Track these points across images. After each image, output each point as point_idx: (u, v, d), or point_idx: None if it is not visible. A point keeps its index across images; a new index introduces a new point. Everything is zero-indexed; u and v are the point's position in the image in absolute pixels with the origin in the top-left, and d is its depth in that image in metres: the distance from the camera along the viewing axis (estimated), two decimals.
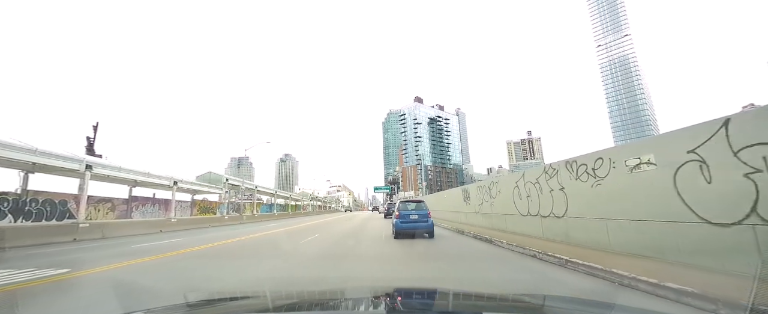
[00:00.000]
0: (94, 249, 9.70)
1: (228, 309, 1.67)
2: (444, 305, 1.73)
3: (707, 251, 4.23)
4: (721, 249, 4.06)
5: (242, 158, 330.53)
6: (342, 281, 5.03)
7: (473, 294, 2.21)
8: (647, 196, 5.21)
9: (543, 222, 8.54)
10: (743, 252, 3.80)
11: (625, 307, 1.82)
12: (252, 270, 5.93)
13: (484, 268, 5.82)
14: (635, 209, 5.44)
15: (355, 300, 1.87)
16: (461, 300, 1.86)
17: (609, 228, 6.09)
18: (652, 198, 5.10)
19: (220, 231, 16.44)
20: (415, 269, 5.86)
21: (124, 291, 4.56)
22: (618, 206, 5.84)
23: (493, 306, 1.70)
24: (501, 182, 11.93)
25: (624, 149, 5.91)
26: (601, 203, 6.31)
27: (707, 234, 4.24)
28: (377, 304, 1.71)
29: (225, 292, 4.18)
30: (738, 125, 3.96)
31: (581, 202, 6.98)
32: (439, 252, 7.93)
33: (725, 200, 4.03)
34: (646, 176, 5.23)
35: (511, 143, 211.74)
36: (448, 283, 4.83)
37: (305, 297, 2.09)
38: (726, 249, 3.99)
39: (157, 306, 1.64)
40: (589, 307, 1.66)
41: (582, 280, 4.66)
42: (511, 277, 5.03)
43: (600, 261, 5.16)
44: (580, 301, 2.02)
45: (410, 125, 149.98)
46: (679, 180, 4.65)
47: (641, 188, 5.33)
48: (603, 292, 4.05)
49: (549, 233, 8.23)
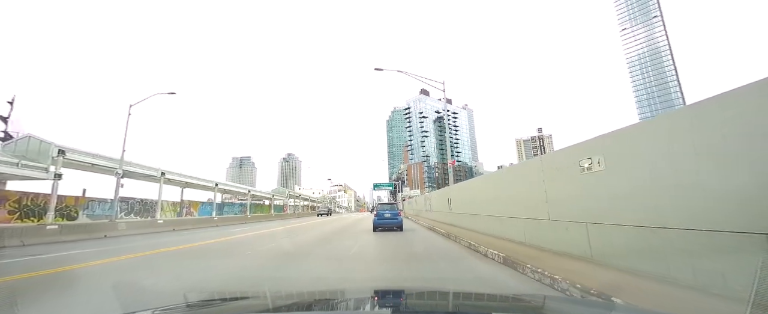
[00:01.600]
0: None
1: (228, 309, 1.69)
2: (444, 305, 1.75)
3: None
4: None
5: (244, 157, 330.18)
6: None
7: (473, 294, 2.18)
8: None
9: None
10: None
11: (625, 307, 1.97)
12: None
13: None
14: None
15: (356, 300, 1.93)
16: (461, 301, 1.85)
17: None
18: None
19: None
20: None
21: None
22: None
23: (492, 306, 1.72)
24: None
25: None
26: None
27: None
28: (377, 304, 1.74)
29: (225, 292, 4.19)
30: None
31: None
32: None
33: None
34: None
35: (521, 140, 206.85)
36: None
37: (305, 298, 2.09)
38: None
39: (157, 306, 1.65)
40: (589, 307, 1.72)
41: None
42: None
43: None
44: (580, 301, 2.17)
45: (415, 120, 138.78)
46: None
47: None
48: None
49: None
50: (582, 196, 5.16)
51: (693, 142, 3.25)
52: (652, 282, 3.50)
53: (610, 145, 4.57)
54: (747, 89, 2.84)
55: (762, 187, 2.65)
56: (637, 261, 3.99)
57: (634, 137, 4.17)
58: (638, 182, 3.95)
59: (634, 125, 4.42)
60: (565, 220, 5.60)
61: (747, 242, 2.72)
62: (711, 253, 3.04)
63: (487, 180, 11.16)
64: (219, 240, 11.73)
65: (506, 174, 9.88)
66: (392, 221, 13.66)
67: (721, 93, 3.03)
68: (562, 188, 5.72)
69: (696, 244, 3.18)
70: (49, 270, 6.31)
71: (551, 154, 6.71)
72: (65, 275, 6.02)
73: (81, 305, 4.05)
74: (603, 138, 4.73)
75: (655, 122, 3.98)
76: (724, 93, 3.01)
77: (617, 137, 4.45)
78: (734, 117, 2.88)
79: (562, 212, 5.71)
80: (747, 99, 2.82)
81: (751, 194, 2.72)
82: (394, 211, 14.08)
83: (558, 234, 5.80)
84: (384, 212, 13.92)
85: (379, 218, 13.81)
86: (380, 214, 13.92)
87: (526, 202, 6.99)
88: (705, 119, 3.15)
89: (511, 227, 7.90)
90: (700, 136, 3.18)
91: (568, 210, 5.53)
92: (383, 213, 13.90)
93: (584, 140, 5.25)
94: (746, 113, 2.80)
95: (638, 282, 3.58)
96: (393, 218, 13.72)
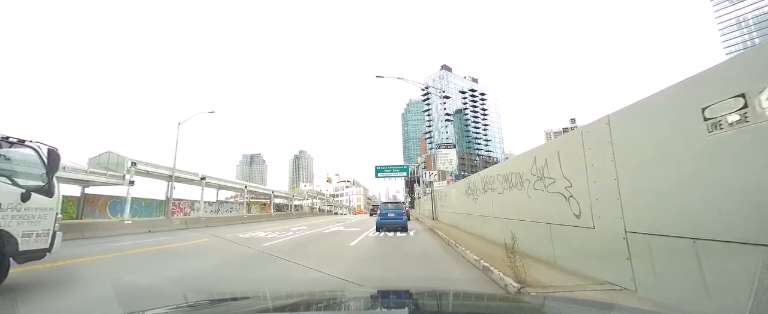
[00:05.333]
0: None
1: (228, 309, 1.69)
2: (444, 305, 1.73)
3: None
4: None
5: (255, 155, 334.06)
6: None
7: (473, 294, 2.22)
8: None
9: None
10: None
11: (626, 307, 1.89)
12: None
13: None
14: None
15: (356, 300, 1.94)
16: (461, 300, 1.87)
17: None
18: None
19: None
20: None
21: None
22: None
23: (492, 306, 1.71)
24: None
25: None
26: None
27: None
28: (377, 304, 1.76)
29: (225, 292, 4.36)
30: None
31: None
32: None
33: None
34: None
35: (551, 132, 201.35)
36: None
37: (305, 298, 2.09)
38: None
39: (157, 306, 1.89)
40: (589, 308, 1.70)
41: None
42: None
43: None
44: (580, 302, 2.05)
45: (436, 101, 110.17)
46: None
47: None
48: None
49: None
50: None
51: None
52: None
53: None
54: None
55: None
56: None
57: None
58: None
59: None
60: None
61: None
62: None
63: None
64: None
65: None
66: (396, 222, 14.06)
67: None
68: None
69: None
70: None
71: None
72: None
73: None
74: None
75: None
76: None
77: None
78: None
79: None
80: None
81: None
82: (399, 211, 14.54)
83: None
84: (388, 212, 14.35)
85: (382, 217, 14.18)
86: (383, 214, 14.33)
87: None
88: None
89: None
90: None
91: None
92: (387, 213, 14.32)
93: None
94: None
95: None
96: (397, 218, 14.13)
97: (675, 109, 2.88)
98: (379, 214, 14.41)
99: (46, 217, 4.90)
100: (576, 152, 4.45)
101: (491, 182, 8.56)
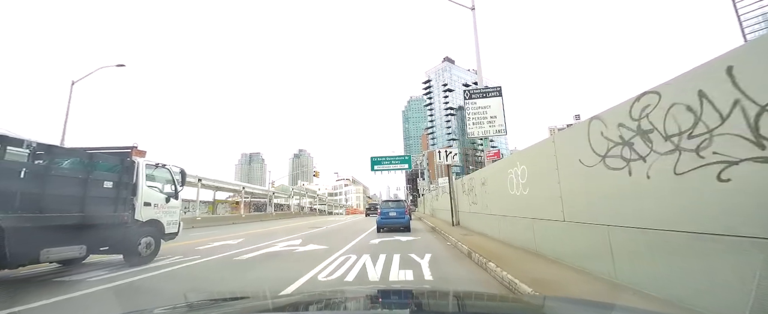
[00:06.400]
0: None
1: (229, 309, 1.69)
2: (444, 305, 1.74)
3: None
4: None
5: (253, 153, 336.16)
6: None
7: (473, 294, 2.26)
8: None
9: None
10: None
11: (625, 307, 1.87)
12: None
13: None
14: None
15: (356, 300, 1.92)
16: (461, 300, 1.86)
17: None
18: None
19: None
20: None
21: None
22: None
23: (492, 306, 1.73)
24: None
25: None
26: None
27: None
28: (377, 304, 1.77)
29: (225, 292, 4.51)
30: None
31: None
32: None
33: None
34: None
35: (555, 129, 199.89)
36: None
37: (306, 298, 2.12)
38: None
39: (157, 307, 1.76)
40: (589, 307, 1.70)
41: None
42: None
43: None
44: (580, 301, 2.06)
45: (438, 94, 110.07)
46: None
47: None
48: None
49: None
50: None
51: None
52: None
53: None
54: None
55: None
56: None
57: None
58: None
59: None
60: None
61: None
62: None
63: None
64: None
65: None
66: (398, 221, 13.78)
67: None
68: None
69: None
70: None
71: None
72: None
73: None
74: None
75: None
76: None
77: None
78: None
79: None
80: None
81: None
82: (401, 209, 14.26)
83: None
84: (389, 211, 14.12)
85: (383, 217, 13.99)
86: (384, 213, 14.12)
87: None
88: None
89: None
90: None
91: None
92: (388, 212, 14.10)
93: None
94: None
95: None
96: (399, 217, 13.81)
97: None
98: (380, 214, 14.31)
99: (176, 213, 7.57)
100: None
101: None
